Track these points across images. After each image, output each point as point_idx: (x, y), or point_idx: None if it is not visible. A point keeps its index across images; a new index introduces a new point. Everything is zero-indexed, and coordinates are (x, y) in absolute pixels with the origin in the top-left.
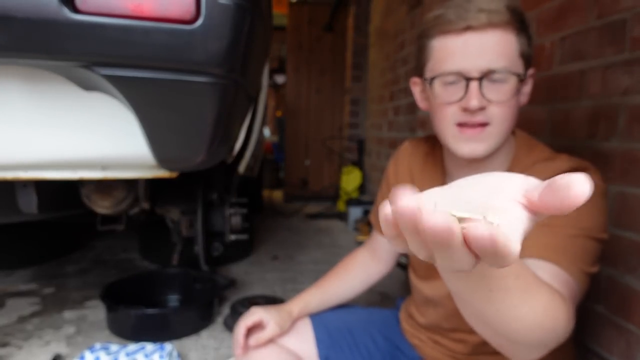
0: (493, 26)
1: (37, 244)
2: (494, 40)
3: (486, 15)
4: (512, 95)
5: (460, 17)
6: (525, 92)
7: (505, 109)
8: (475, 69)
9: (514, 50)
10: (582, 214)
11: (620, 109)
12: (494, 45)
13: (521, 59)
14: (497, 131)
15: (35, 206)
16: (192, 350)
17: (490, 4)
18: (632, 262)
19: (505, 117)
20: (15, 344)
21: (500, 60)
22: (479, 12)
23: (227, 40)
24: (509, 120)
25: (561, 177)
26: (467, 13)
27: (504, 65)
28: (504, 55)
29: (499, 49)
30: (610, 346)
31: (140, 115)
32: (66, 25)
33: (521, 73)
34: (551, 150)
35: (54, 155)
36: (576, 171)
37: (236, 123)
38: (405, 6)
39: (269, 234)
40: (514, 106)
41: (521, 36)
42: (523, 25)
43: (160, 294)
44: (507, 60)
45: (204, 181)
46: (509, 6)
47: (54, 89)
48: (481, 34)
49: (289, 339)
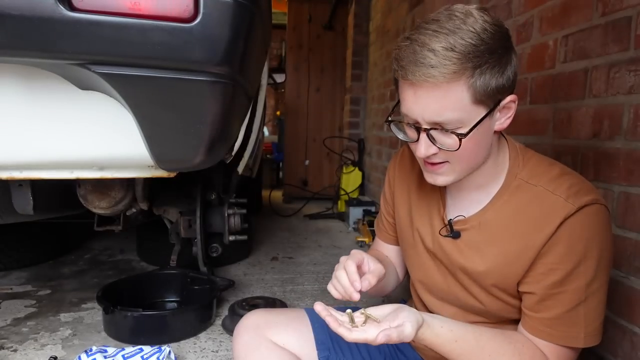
0: (435, 86)
1: (32, 244)
2: (438, 95)
3: (429, 73)
4: (458, 147)
5: (408, 72)
6: (503, 117)
7: (469, 150)
8: (424, 121)
9: (464, 102)
10: (591, 268)
11: (625, 108)
12: (438, 100)
13: (479, 104)
14: (459, 167)
15: (31, 207)
16: (190, 352)
17: (438, 56)
18: (636, 263)
19: (461, 157)
20: (10, 347)
21: (448, 114)
22: (426, 69)
23: (226, 38)
24: (471, 157)
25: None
26: (415, 69)
27: (452, 118)
28: (453, 109)
29: (446, 103)
30: (614, 348)
31: (138, 114)
32: (62, 23)
33: (476, 120)
34: (548, 162)
35: (50, 155)
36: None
37: (235, 122)
38: (406, 4)
39: (268, 234)
40: (475, 144)
41: (481, 76)
42: (488, 61)
43: (158, 296)
44: (457, 112)
45: (202, 181)
46: (464, 51)
47: (50, 88)
48: (428, 90)
49: (289, 340)
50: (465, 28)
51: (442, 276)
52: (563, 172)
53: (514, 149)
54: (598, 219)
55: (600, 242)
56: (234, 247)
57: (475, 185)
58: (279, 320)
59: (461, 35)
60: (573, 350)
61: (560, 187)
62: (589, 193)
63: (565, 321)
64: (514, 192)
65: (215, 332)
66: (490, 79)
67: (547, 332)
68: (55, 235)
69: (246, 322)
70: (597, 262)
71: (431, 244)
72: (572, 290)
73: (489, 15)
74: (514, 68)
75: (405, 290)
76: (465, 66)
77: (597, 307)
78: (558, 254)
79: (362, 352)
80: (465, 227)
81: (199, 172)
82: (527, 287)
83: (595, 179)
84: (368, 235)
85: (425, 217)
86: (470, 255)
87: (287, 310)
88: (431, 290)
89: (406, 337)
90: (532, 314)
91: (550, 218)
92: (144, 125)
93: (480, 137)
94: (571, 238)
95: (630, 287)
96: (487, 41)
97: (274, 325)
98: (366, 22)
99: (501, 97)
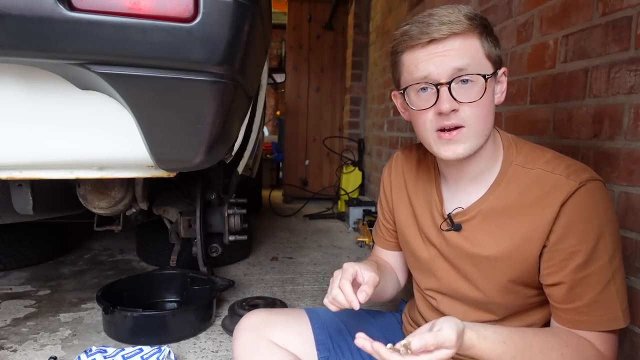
0: (455, 35)
1: (32, 244)
2: (457, 44)
3: (447, 26)
4: (482, 94)
5: (423, 32)
6: (500, 91)
7: (478, 109)
8: (443, 74)
9: (479, 52)
10: (610, 242)
11: (625, 108)
12: (458, 48)
13: (488, 60)
14: (473, 132)
15: (31, 207)
16: (190, 353)
17: (450, 16)
18: (636, 263)
19: (479, 117)
20: (9, 347)
21: (465, 60)
22: (440, 24)
23: (226, 38)
24: (484, 120)
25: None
26: (429, 27)
27: (470, 64)
28: (469, 56)
29: (462, 51)
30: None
31: (138, 114)
32: (62, 23)
33: (489, 73)
34: (541, 149)
35: (49, 155)
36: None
37: (235, 122)
38: (406, 4)
39: (268, 234)
40: (487, 105)
41: (485, 40)
42: (486, 30)
43: (158, 296)
44: (473, 60)
45: (202, 181)
46: (468, 15)
47: (50, 88)
48: (445, 43)
49: (289, 340)
50: (458, 7)
51: (449, 273)
52: (557, 155)
53: (506, 139)
54: (602, 195)
55: (612, 215)
56: (233, 247)
57: (474, 173)
58: (279, 321)
59: (459, 8)
60: (614, 333)
61: (559, 167)
62: (587, 170)
63: (601, 304)
64: (512, 178)
65: (215, 332)
66: (491, 45)
67: (586, 320)
68: (55, 235)
69: (246, 322)
70: (613, 237)
71: (437, 240)
72: (597, 269)
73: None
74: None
75: (406, 290)
76: (475, 25)
77: (624, 282)
78: (576, 234)
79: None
80: (465, 219)
81: (199, 172)
82: (553, 278)
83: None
84: (368, 235)
85: (427, 215)
86: (478, 242)
87: (287, 310)
88: (439, 289)
89: (446, 340)
90: (565, 306)
91: (554, 196)
92: (144, 125)
93: (488, 100)
94: (583, 216)
95: (630, 287)
96: (481, 17)
97: (274, 326)
98: (366, 22)
99: (500, 63)
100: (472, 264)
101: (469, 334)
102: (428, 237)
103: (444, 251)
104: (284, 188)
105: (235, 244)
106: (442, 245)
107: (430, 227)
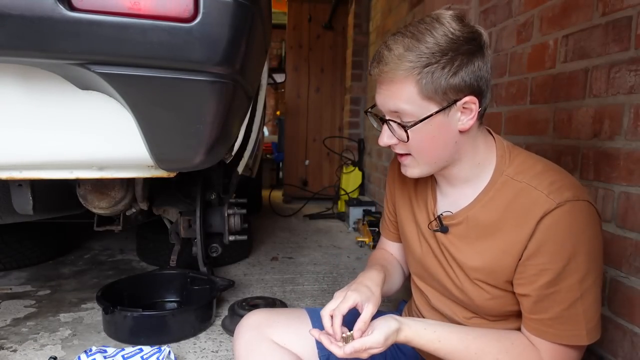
0: (390, 80)
1: (32, 244)
2: (393, 89)
3: (385, 71)
4: (422, 134)
5: (372, 69)
6: (465, 118)
7: (425, 143)
8: (384, 111)
9: (416, 98)
10: (582, 264)
11: (625, 108)
12: (393, 93)
13: (430, 101)
14: (421, 161)
15: (31, 207)
16: (190, 353)
17: (389, 58)
18: (637, 263)
19: (424, 150)
20: (9, 347)
21: (400, 105)
22: (382, 65)
23: (226, 38)
24: (433, 151)
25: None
26: (378, 64)
27: (405, 108)
28: (404, 101)
29: (397, 96)
30: (614, 348)
31: (138, 114)
32: (62, 23)
33: (430, 113)
34: (534, 159)
35: (49, 155)
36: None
37: (235, 122)
38: (406, 4)
39: (268, 234)
40: (437, 138)
41: (430, 79)
42: (436, 66)
43: (158, 296)
44: (408, 105)
45: (202, 181)
46: (409, 58)
47: (49, 88)
48: (383, 84)
49: (290, 340)
50: (426, 33)
51: (438, 270)
52: (547, 167)
53: (501, 147)
54: (582, 216)
55: (588, 238)
56: (233, 247)
57: (462, 180)
58: (279, 320)
59: (419, 38)
60: (576, 349)
61: (543, 183)
62: (571, 189)
63: (565, 320)
64: (500, 189)
65: (215, 332)
66: (440, 78)
67: (550, 332)
68: (55, 235)
69: (247, 321)
70: (587, 258)
71: (429, 237)
72: (565, 288)
73: (462, 22)
74: (477, 72)
75: (406, 290)
76: (414, 65)
77: (594, 303)
78: (547, 253)
79: None
80: (452, 223)
81: (199, 172)
82: (522, 289)
83: (595, 179)
84: (368, 235)
85: (424, 212)
86: (462, 249)
87: (287, 310)
88: (432, 285)
89: (373, 343)
90: (531, 315)
91: (532, 213)
92: (144, 125)
93: (437, 134)
94: (557, 236)
95: (630, 287)
96: (442, 45)
97: (275, 325)
98: (366, 22)
99: (456, 97)
100: (457, 266)
101: (405, 332)
102: (422, 233)
103: (435, 249)
104: (284, 188)
105: (235, 244)
106: (433, 242)
107: (424, 224)
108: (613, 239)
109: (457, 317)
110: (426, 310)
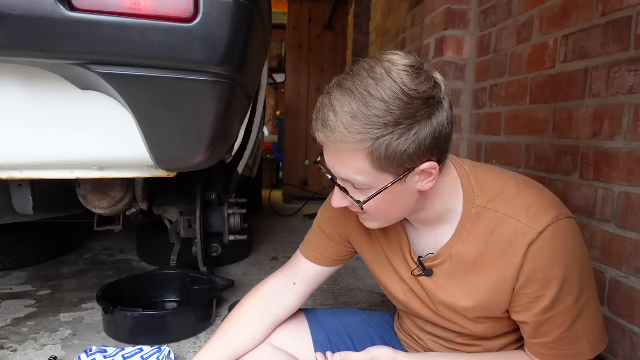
0: (340, 150)
1: (32, 244)
2: (342, 159)
3: (331, 140)
4: (377, 200)
5: (317, 129)
6: (426, 180)
7: (381, 209)
8: (337, 175)
9: (367, 167)
10: (575, 284)
11: (625, 108)
12: (344, 163)
13: (385, 172)
14: (378, 218)
15: (31, 207)
16: (190, 353)
17: (339, 125)
18: (636, 263)
19: (381, 212)
20: (10, 347)
21: (354, 177)
22: (328, 132)
23: (226, 38)
24: (389, 211)
25: None
26: (321, 129)
27: (357, 179)
28: (357, 173)
29: (349, 167)
30: (614, 348)
31: (138, 114)
32: (62, 23)
33: (385, 185)
34: (501, 180)
35: (49, 155)
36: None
37: (235, 122)
38: (406, 4)
39: (268, 234)
40: (394, 200)
41: (384, 147)
42: (391, 134)
43: (158, 296)
44: (362, 176)
45: (202, 181)
46: (363, 124)
47: (50, 88)
48: (332, 151)
49: (287, 341)
50: (375, 94)
51: (425, 310)
52: (518, 188)
53: (464, 175)
54: (566, 235)
55: (576, 257)
56: (234, 247)
57: (433, 220)
58: None
59: (367, 102)
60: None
61: (518, 210)
62: (549, 210)
63: (567, 340)
64: (476, 221)
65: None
66: (395, 149)
67: (553, 354)
68: (55, 235)
69: None
70: (579, 277)
71: (411, 282)
72: (563, 311)
73: (417, 74)
74: (437, 131)
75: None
76: (364, 137)
77: (593, 316)
78: (538, 281)
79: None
80: (435, 263)
81: (199, 172)
82: (520, 317)
83: (595, 179)
84: None
85: (399, 256)
86: (450, 291)
87: None
88: (418, 316)
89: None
90: (532, 340)
91: (516, 246)
92: (144, 125)
93: (395, 199)
94: (545, 263)
95: (630, 287)
96: (395, 111)
97: None
98: (366, 22)
99: (414, 165)
100: (448, 309)
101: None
102: (403, 279)
103: (420, 295)
104: (284, 188)
105: (235, 244)
106: (417, 287)
107: (404, 270)
108: (613, 239)
109: (451, 337)
110: (418, 331)
